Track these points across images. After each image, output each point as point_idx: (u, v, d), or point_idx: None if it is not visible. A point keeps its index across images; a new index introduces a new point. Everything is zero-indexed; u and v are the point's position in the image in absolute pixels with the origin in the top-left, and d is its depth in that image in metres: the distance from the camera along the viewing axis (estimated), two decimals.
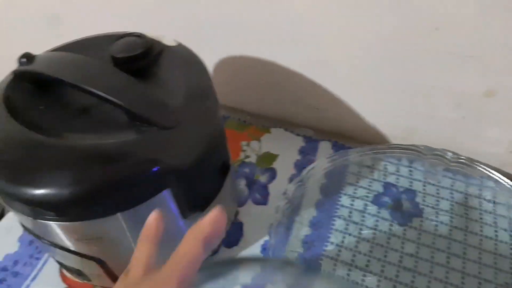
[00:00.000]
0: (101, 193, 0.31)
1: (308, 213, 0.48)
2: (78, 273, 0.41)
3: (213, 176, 0.37)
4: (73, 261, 0.39)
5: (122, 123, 0.34)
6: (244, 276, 0.40)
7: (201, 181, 0.35)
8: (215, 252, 0.47)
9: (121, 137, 0.32)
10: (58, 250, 0.37)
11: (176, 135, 0.32)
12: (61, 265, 0.42)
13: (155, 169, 0.31)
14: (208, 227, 0.25)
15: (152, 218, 0.29)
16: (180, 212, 0.36)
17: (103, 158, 0.31)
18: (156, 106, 0.33)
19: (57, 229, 0.34)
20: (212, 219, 0.25)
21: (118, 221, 0.33)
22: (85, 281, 0.43)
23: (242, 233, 0.48)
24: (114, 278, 0.40)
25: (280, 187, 0.51)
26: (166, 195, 0.33)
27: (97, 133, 0.34)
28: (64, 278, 0.47)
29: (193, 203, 0.36)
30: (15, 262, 0.49)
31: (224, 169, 0.38)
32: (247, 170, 0.54)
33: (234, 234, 0.48)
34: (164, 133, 0.32)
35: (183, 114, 0.33)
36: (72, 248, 0.36)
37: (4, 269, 0.49)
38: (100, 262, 0.37)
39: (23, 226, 0.39)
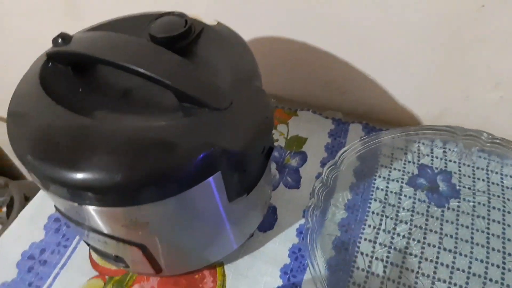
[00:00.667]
0: (153, 178, 0.30)
1: (343, 196, 0.48)
2: (116, 259, 0.40)
3: (259, 158, 0.36)
4: (113, 248, 0.38)
5: (168, 105, 0.32)
6: None
7: (250, 163, 0.34)
8: (250, 235, 0.46)
9: (170, 119, 0.31)
10: (98, 236, 0.36)
11: (229, 117, 0.31)
12: (97, 251, 0.41)
13: (208, 152, 0.30)
14: None
15: None
16: (227, 195, 0.35)
17: (155, 142, 0.30)
18: (208, 86, 0.31)
19: (102, 215, 0.33)
20: None
21: (167, 205, 0.32)
22: (121, 267, 0.42)
23: (276, 217, 0.48)
24: (154, 263, 0.39)
25: (312, 171, 0.51)
26: (216, 178, 0.32)
27: (143, 116, 0.32)
28: (94, 265, 0.46)
29: (241, 186, 0.35)
30: (42, 251, 0.48)
31: (269, 150, 0.37)
32: (276, 153, 0.53)
33: (268, 219, 0.47)
34: (216, 114, 0.31)
35: (233, 95, 0.32)
36: (115, 234, 0.35)
37: (31, 257, 0.48)
38: (143, 248, 0.36)
39: (61, 212, 0.38)
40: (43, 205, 0.52)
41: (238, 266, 0.45)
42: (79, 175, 0.29)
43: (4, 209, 0.95)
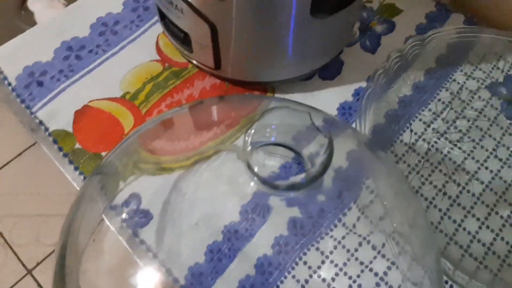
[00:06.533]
0: None
1: (415, 75, 0.45)
2: (183, 40, 0.40)
3: None
4: (184, 22, 0.38)
5: None
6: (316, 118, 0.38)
7: None
8: (308, 78, 0.46)
9: None
10: (178, 5, 0.37)
11: None
12: (169, 29, 0.42)
13: None
14: None
15: None
16: (312, 5, 0.34)
17: None
18: None
19: None
20: None
21: None
22: (185, 53, 0.43)
23: (340, 72, 0.47)
24: (216, 54, 0.39)
25: (393, 43, 0.48)
26: None
27: None
28: (159, 51, 0.48)
29: (328, 2, 0.34)
30: (116, 22, 0.50)
31: None
32: (364, 14, 0.50)
33: (332, 70, 0.46)
34: None
35: None
36: (195, 4, 0.36)
37: (104, 24, 0.50)
38: (213, 29, 0.37)
39: None
40: None
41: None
42: None
43: None
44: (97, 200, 0.35)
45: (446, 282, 0.34)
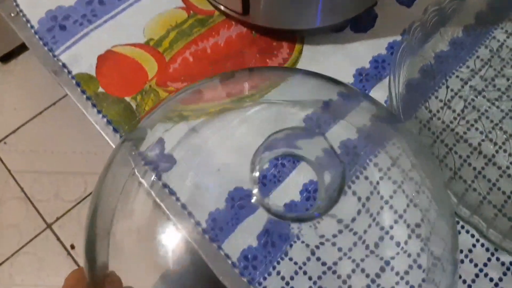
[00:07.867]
0: None
1: (453, 31, 0.43)
2: None
3: None
4: None
5: None
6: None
7: None
8: (339, 30, 0.44)
9: None
10: None
11: None
12: None
13: None
14: None
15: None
16: None
17: None
18: None
19: None
20: None
21: None
22: None
23: (373, 25, 0.44)
24: None
25: None
26: None
27: None
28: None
29: None
30: None
31: None
32: None
33: (365, 22, 0.44)
34: None
35: None
36: None
37: None
38: None
39: None
40: None
41: (316, 51, 0.43)
42: None
43: None
44: (129, 164, 0.34)
45: (478, 241, 0.33)
